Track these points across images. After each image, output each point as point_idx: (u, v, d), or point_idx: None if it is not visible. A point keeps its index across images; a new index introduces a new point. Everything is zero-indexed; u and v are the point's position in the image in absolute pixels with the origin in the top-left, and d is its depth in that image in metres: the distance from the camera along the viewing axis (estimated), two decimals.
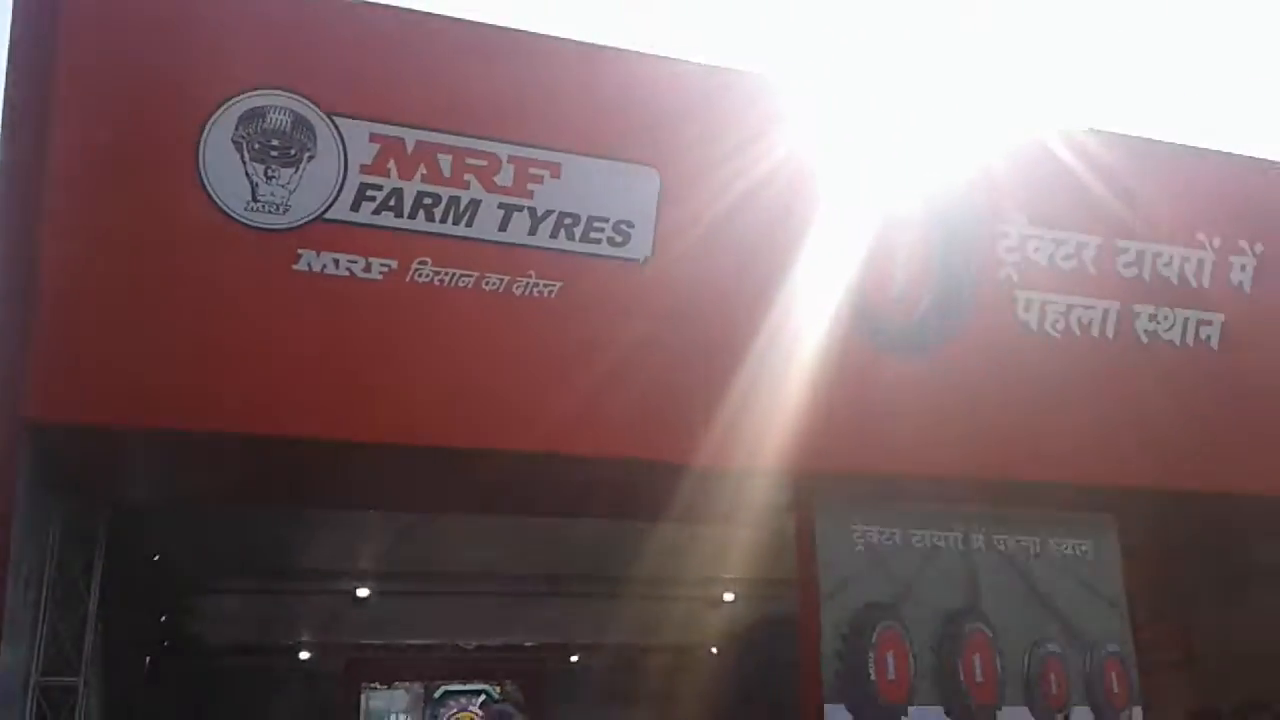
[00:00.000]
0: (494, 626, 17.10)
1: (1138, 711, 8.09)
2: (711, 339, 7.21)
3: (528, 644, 19.13)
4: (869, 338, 7.60)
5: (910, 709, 7.44)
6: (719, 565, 14.20)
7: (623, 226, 7.04)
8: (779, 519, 8.08)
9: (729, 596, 14.81)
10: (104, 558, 7.20)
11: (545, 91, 7.14)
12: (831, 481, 7.61)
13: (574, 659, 19.31)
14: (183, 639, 16.81)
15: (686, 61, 7.60)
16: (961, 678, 7.62)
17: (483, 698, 19.42)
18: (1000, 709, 7.66)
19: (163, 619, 14.54)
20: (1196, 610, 11.98)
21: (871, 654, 7.46)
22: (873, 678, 7.42)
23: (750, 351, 7.19)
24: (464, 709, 19.33)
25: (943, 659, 7.64)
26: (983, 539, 8.05)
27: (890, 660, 7.51)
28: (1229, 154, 9.14)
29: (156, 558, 11.81)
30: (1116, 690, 8.02)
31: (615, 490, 7.68)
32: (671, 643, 19.39)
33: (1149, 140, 9.05)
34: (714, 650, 19.16)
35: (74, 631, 6.85)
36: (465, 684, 19.12)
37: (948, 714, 7.52)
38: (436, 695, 19.14)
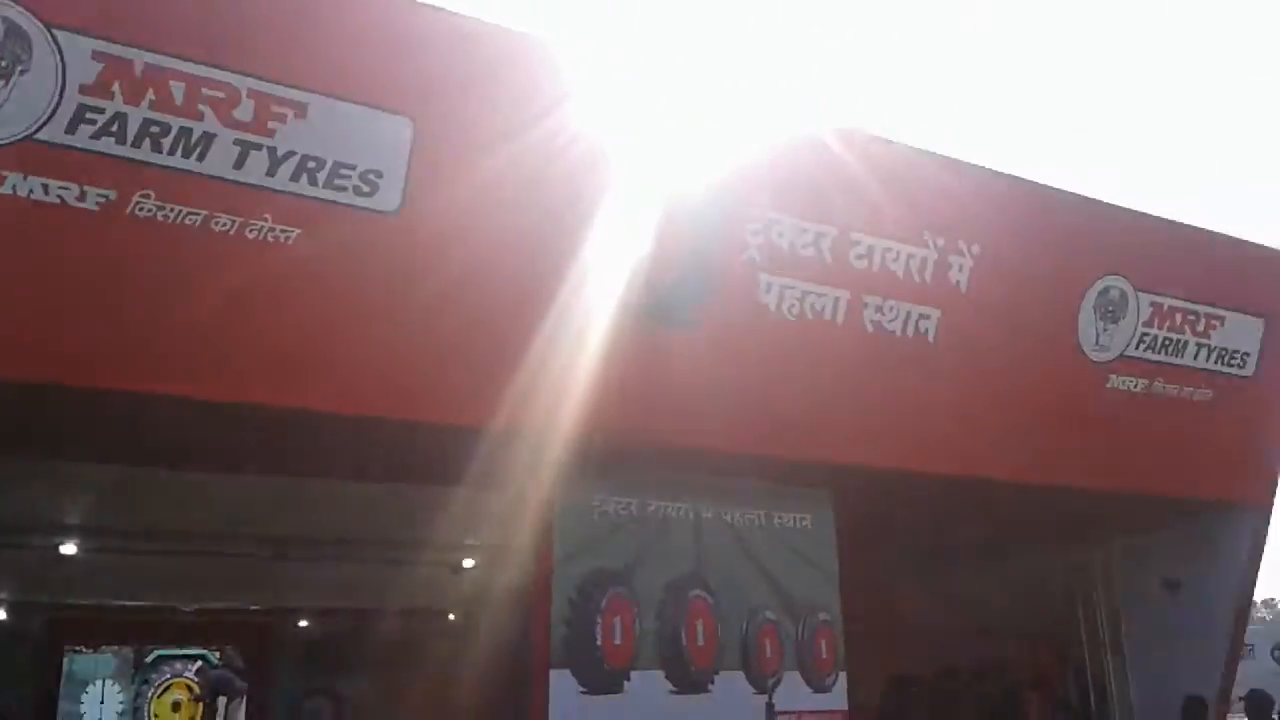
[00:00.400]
0: (216, 589, 16.27)
1: (843, 676, 8.63)
2: (464, 298, 7.07)
3: (253, 607, 18.34)
4: (621, 307, 7.66)
5: (632, 674, 7.63)
6: (462, 531, 14.09)
7: (370, 176, 6.77)
8: (524, 484, 8.09)
9: (469, 563, 14.72)
10: None
11: (296, 26, 6.75)
12: (572, 448, 7.66)
13: (302, 624, 18.68)
14: None
15: (455, 14, 7.39)
16: (683, 643, 7.88)
17: (199, 663, 18.48)
18: (718, 673, 7.98)
19: None
20: (898, 585, 12.93)
21: (599, 619, 7.59)
22: (599, 642, 7.56)
23: (500, 312, 7.12)
24: (179, 675, 18.33)
25: (665, 625, 7.88)
26: (711, 510, 8.35)
27: (617, 625, 7.67)
28: (957, 160, 9.79)
29: None
30: (825, 656, 8.52)
31: (360, 449, 7.46)
32: (408, 608, 19.09)
33: (887, 141, 9.57)
34: (451, 617, 19.03)
35: None
36: (181, 648, 18.13)
37: (668, 678, 7.77)
38: (149, 660, 18.05)
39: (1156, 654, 10.97)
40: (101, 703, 17.52)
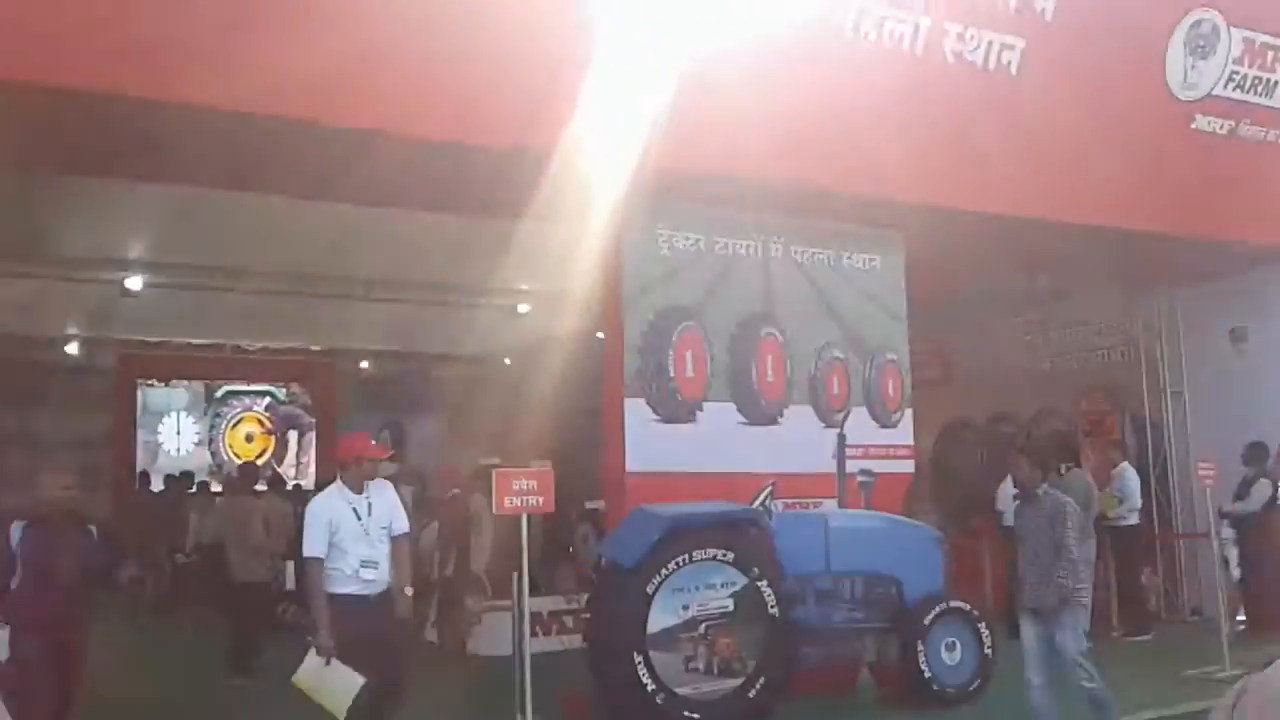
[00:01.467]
0: (281, 328, 16.66)
1: (908, 414, 8.75)
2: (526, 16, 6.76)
3: (315, 348, 18.86)
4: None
5: (704, 404, 7.77)
6: (521, 273, 14.17)
7: None
8: (587, 219, 8.01)
9: (524, 308, 14.89)
10: None
11: None
12: (640, 183, 7.51)
13: (364, 365, 19.22)
14: None
15: None
16: (753, 377, 7.98)
17: (268, 399, 19.23)
18: (787, 407, 8.12)
19: None
20: (960, 331, 12.97)
21: (671, 352, 7.67)
22: (671, 373, 7.66)
23: (564, 29, 6.80)
24: (248, 409, 19.11)
25: (736, 360, 7.96)
26: (781, 248, 8.25)
27: (689, 358, 7.75)
28: None
29: None
30: (892, 394, 8.61)
31: (436, 178, 7.34)
32: (466, 353, 19.54)
33: None
34: (507, 361, 19.49)
35: None
36: (249, 385, 18.83)
37: (739, 410, 7.92)
38: (218, 395, 18.79)
39: (1218, 401, 11.02)
40: (178, 433, 18.38)
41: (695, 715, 6.38)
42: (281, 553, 9.12)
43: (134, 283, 12.71)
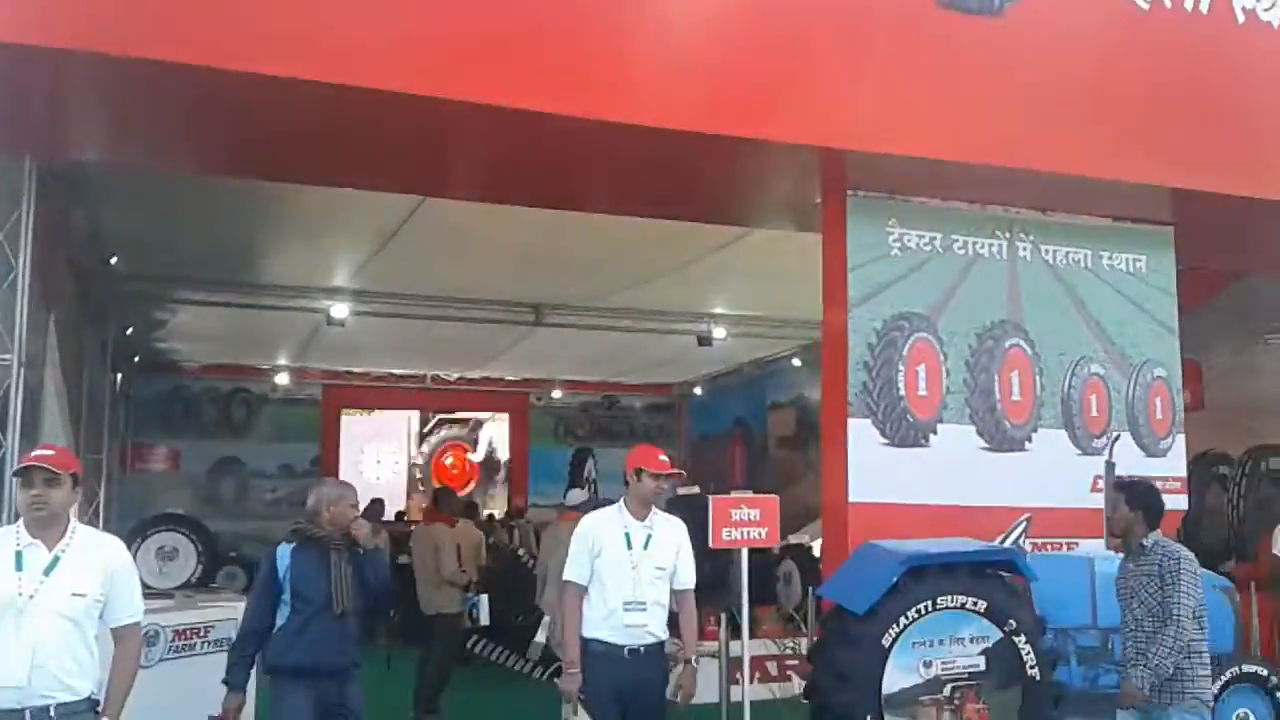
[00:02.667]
0: (475, 358, 16.37)
1: (1179, 440, 7.32)
2: None
3: (509, 377, 18.56)
4: None
5: (939, 426, 6.60)
6: (713, 296, 13.34)
7: None
8: (805, 217, 7.02)
9: (720, 333, 13.96)
10: (57, 246, 6.00)
11: None
12: (865, 169, 6.48)
13: (556, 395, 18.79)
14: (153, 355, 16.06)
15: None
16: (996, 396, 6.76)
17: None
18: (1035, 431, 6.85)
19: (129, 332, 13.63)
20: (1208, 346, 11.24)
21: (901, 367, 6.55)
22: (901, 392, 6.54)
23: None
24: (455, 439, 18.99)
25: (977, 375, 6.76)
26: (1029, 247, 7.01)
27: (922, 374, 6.60)
28: None
29: (113, 259, 10.72)
30: (1160, 417, 7.20)
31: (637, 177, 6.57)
32: (655, 381, 18.87)
33: None
34: (697, 390, 18.67)
35: (6, 302, 5.83)
36: (450, 413, 18.62)
37: (979, 433, 6.71)
38: (429, 425, 18.70)
39: None
40: (378, 461, 18.34)
41: None
42: (474, 584, 8.45)
43: (339, 310, 12.45)
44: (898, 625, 5.28)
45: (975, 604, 5.40)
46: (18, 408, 5.65)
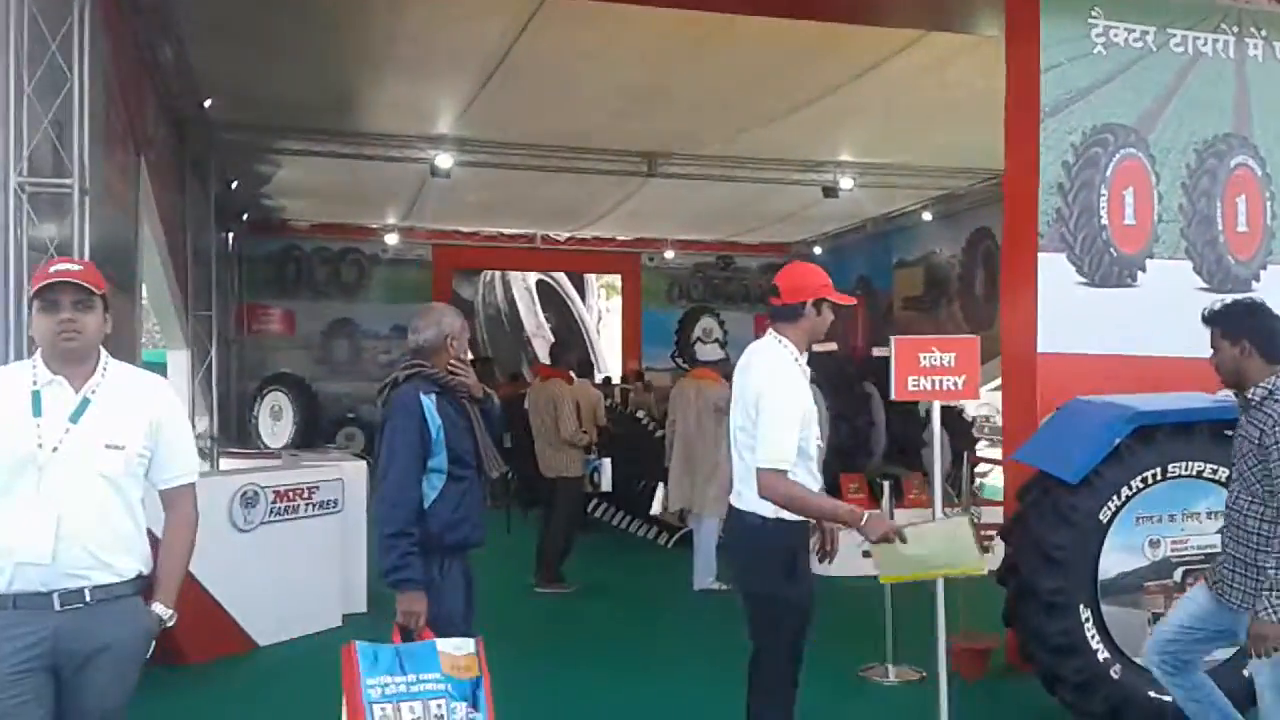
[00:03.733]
0: (586, 215, 15.35)
1: None
2: None
3: (620, 237, 17.54)
4: None
5: (1149, 262, 5.39)
6: (841, 141, 12.01)
7: None
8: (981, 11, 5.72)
9: (847, 183, 12.62)
10: (144, 85, 5.09)
11: None
12: None
13: (669, 255, 17.71)
14: (262, 213, 15.46)
15: None
16: (1218, 225, 5.49)
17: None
18: (1264, 268, 5.58)
19: (233, 186, 12.96)
20: None
21: (1104, 190, 5.31)
22: (1104, 221, 5.32)
23: None
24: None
25: (1195, 200, 5.48)
26: (1261, 44, 5.61)
27: (1129, 199, 5.36)
28: None
29: (208, 103, 9.91)
30: None
31: None
32: (772, 240, 17.63)
33: None
34: (817, 249, 17.39)
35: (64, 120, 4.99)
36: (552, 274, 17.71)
37: (1196, 271, 5.47)
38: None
39: None
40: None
41: (1165, 698, 4.18)
42: (595, 446, 7.62)
43: (444, 160, 11.52)
44: (1119, 497, 4.22)
45: (1214, 471, 4.29)
46: (83, 239, 4.81)
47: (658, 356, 17.23)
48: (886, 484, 6.29)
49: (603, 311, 20.21)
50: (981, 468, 8.74)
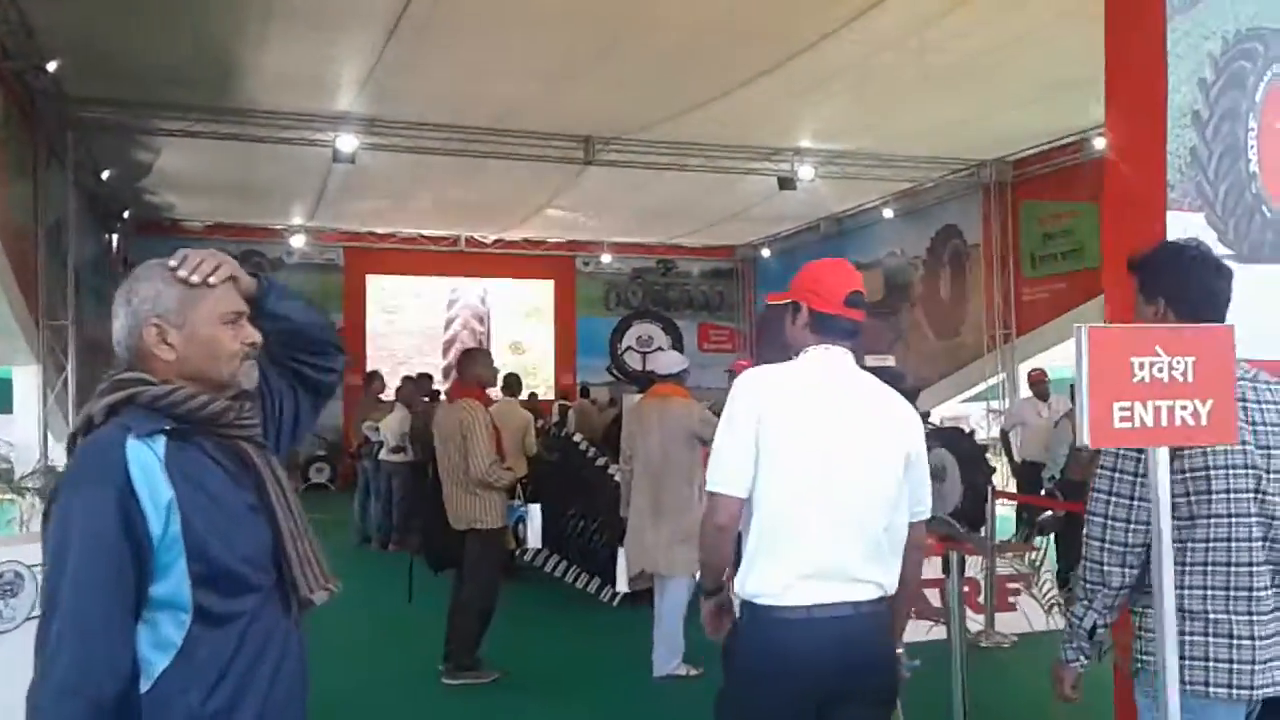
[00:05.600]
0: (515, 211, 13.33)
1: None
2: None
3: (552, 239, 15.55)
4: None
5: None
6: (801, 123, 10.18)
7: None
8: None
9: (806, 173, 10.87)
10: None
11: None
12: None
13: (605, 259, 15.79)
14: (148, 212, 13.18)
15: None
16: None
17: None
18: None
19: (104, 177, 10.75)
20: None
21: (1252, 124, 3.60)
22: (1253, 167, 3.60)
23: None
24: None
25: None
26: None
27: None
28: None
29: (52, 65, 7.79)
30: None
31: None
32: (716, 243, 15.71)
33: None
34: (765, 253, 15.65)
35: None
36: (476, 279, 15.64)
37: None
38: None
39: None
40: None
41: None
42: (523, 486, 5.69)
43: (347, 143, 9.53)
44: None
45: None
46: None
47: (595, 369, 15.34)
48: None
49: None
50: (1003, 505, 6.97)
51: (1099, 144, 9.83)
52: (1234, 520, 2.01)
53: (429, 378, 10.01)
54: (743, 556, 2.14)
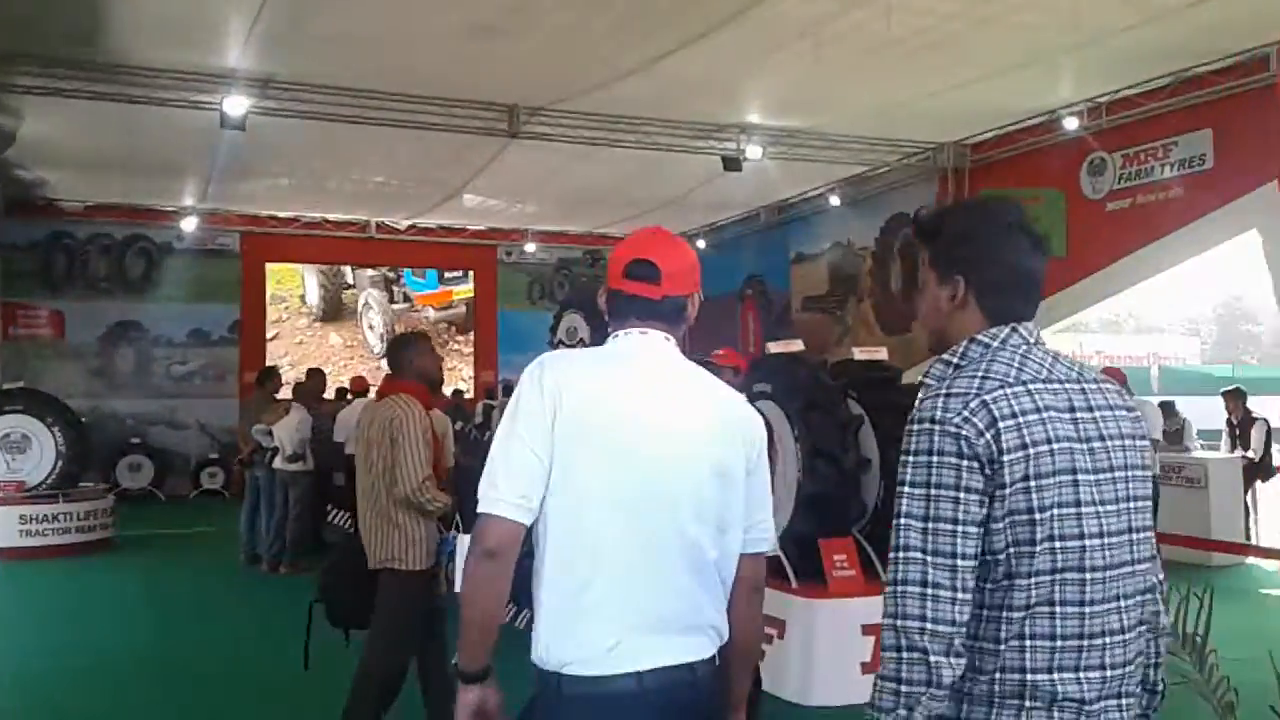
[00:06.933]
0: (432, 193, 12.04)
1: None
2: None
3: (472, 227, 14.29)
4: None
5: None
6: (749, 96, 9.20)
7: None
8: None
9: (754, 151, 9.93)
10: None
11: None
12: None
13: (529, 249, 14.63)
14: (20, 190, 11.57)
15: None
16: None
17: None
18: None
19: None
20: None
21: None
22: None
23: None
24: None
25: None
26: None
27: None
28: None
29: None
30: None
31: None
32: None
33: None
34: (700, 244, 14.71)
35: None
36: (387, 270, 14.31)
37: None
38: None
39: None
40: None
41: None
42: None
43: (235, 105, 8.27)
44: None
45: None
46: None
47: (517, 365, 14.14)
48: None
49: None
50: None
51: (1070, 124, 9.13)
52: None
53: (320, 374, 8.72)
54: (534, 609, 1.62)
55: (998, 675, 1.39)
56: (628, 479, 1.62)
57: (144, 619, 6.17)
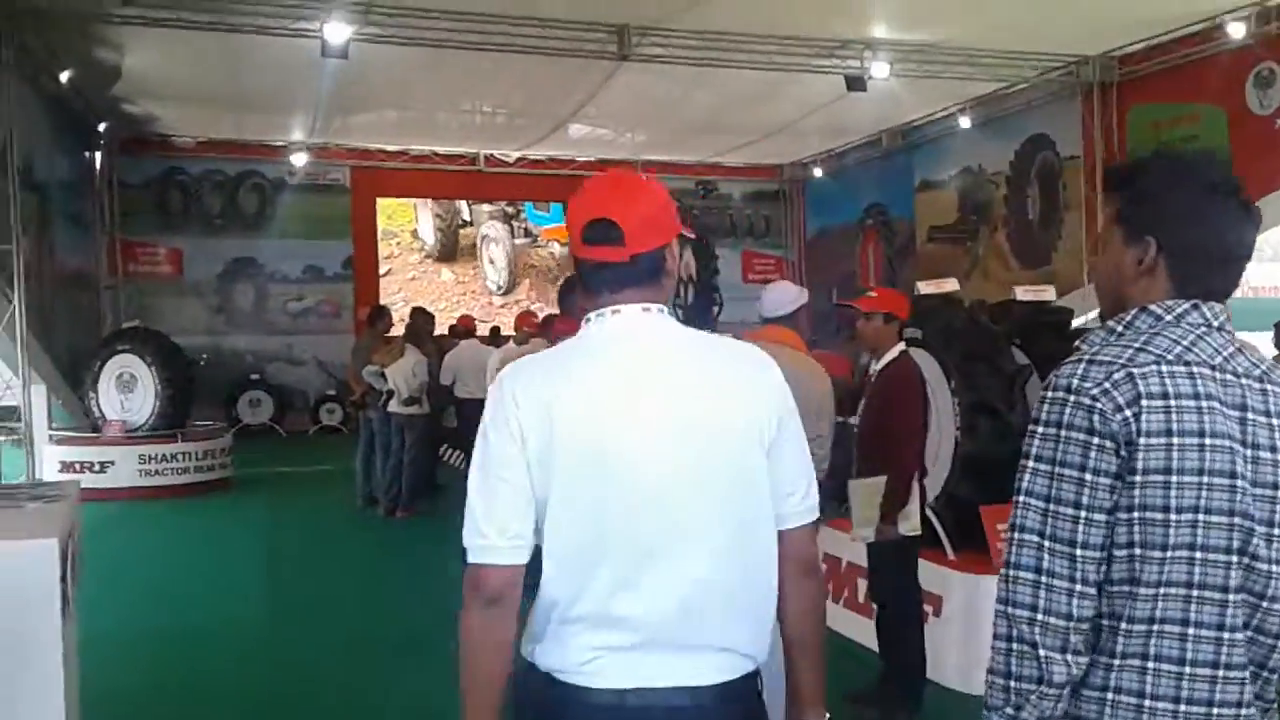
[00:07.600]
0: (539, 123, 11.64)
1: None
2: None
3: (580, 158, 13.88)
4: None
5: None
6: (872, 10, 8.48)
7: None
8: None
9: (880, 70, 9.17)
10: None
11: None
12: None
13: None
14: (130, 125, 11.65)
15: None
16: None
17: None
18: None
19: (64, 79, 9.21)
20: None
21: None
22: None
23: None
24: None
25: None
26: None
27: None
28: None
29: None
30: None
31: None
32: (761, 162, 14.00)
33: None
34: (817, 172, 13.95)
35: None
36: (505, 204, 14.07)
37: None
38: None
39: None
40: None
41: None
42: None
43: (336, 33, 7.95)
44: None
45: None
46: None
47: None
48: None
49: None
50: None
51: (1235, 31, 8.13)
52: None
53: (426, 313, 8.37)
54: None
55: (1110, 695, 1.25)
56: (611, 493, 1.42)
57: (259, 568, 5.97)
